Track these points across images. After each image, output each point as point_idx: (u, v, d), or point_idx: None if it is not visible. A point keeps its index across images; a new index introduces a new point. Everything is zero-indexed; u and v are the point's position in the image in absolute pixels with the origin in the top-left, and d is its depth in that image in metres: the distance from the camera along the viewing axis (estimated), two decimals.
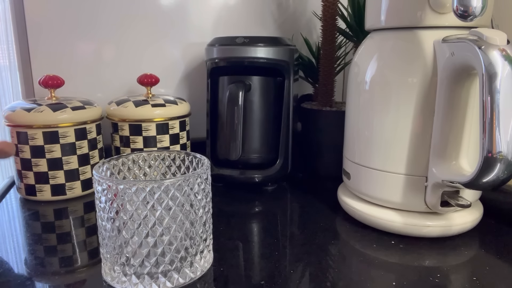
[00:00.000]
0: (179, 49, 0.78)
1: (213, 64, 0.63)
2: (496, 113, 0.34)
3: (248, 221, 0.53)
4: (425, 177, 0.44)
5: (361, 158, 0.49)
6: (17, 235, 0.48)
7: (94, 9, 0.71)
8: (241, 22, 0.80)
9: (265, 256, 0.42)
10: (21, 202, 0.58)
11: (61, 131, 0.56)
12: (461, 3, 0.35)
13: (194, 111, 0.69)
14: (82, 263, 0.41)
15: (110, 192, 0.35)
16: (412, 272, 0.39)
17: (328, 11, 0.65)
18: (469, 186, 0.39)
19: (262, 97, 0.62)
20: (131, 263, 0.35)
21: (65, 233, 0.48)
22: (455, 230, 0.45)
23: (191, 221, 0.37)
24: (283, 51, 0.61)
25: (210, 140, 0.66)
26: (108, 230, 0.36)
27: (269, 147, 0.64)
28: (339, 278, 0.38)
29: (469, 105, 0.42)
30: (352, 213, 0.51)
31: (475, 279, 0.38)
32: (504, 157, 0.34)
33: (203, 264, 0.39)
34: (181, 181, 0.35)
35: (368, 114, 0.47)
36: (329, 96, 0.70)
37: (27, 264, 0.41)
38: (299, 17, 0.85)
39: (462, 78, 0.40)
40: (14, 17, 0.69)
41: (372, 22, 0.49)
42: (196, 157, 0.43)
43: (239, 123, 0.57)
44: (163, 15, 0.75)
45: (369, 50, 0.49)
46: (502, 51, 0.34)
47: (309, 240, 0.46)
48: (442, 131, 0.42)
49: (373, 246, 0.45)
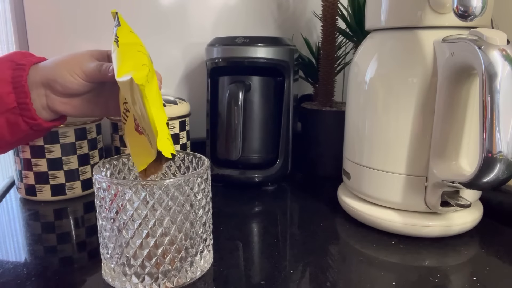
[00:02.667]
0: (179, 49, 0.78)
1: (213, 64, 0.63)
2: (496, 113, 0.34)
3: (248, 221, 0.52)
4: (425, 177, 0.44)
5: (361, 158, 0.49)
6: (17, 235, 0.48)
7: (94, 9, 0.71)
8: (241, 22, 0.80)
9: (265, 256, 0.42)
10: (21, 202, 0.58)
11: (61, 131, 0.56)
12: (461, 3, 0.35)
13: (194, 111, 0.69)
14: (82, 263, 0.41)
15: (110, 192, 0.35)
16: (412, 272, 0.39)
17: (328, 11, 0.65)
18: (469, 186, 0.39)
19: (262, 97, 0.62)
20: (131, 263, 0.35)
21: (65, 233, 0.48)
22: (455, 230, 0.45)
23: (191, 221, 0.37)
24: (283, 51, 0.61)
25: (210, 140, 0.66)
26: (108, 230, 0.36)
27: (269, 147, 0.64)
28: (339, 278, 0.38)
29: (469, 105, 0.42)
30: (352, 213, 0.51)
31: (475, 279, 0.38)
32: (504, 157, 0.34)
33: (203, 264, 0.39)
34: (181, 181, 0.35)
35: (368, 114, 0.47)
36: (329, 96, 0.70)
37: (27, 264, 0.41)
38: (299, 17, 0.85)
39: (462, 78, 0.40)
40: (14, 17, 0.69)
41: (372, 22, 0.49)
42: (196, 157, 0.43)
43: (239, 123, 0.57)
44: (163, 15, 0.75)
45: (369, 50, 0.49)
46: (502, 51, 0.34)
47: (309, 240, 0.46)
48: (442, 131, 0.42)
49: (373, 246, 0.45)
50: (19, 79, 0.44)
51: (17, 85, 0.44)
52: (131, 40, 0.42)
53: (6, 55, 0.47)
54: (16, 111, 0.45)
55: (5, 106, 0.44)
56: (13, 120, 0.45)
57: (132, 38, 0.43)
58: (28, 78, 0.45)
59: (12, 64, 0.45)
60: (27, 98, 0.44)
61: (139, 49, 0.41)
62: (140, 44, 0.42)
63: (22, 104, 0.45)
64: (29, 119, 0.45)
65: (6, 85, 0.44)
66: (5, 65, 0.45)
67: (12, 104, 0.44)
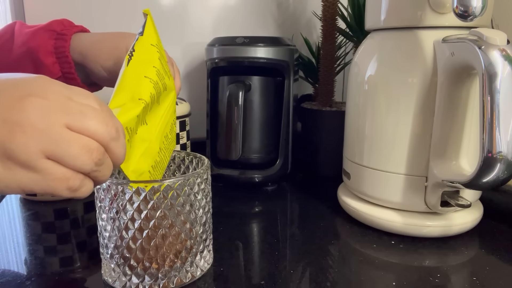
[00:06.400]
0: (179, 49, 0.78)
1: (213, 64, 0.63)
2: (496, 113, 0.34)
3: (248, 221, 0.52)
4: (425, 177, 0.44)
5: (361, 158, 0.49)
6: (17, 235, 0.48)
7: (94, 9, 0.71)
8: (241, 22, 0.80)
9: (265, 256, 0.42)
10: (21, 202, 0.58)
11: None
12: (461, 3, 0.35)
13: (194, 111, 0.69)
14: (82, 263, 0.41)
15: (110, 192, 0.35)
16: (412, 272, 0.39)
17: (328, 11, 0.65)
18: (469, 186, 0.39)
19: (262, 97, 0.62)
20: (131, 263, 0.35)
21: (65, 233, 0.48)
22: (455, 230, 0.45)
23: (191, 221, 0.37)
24: (283, 51, 0.61)
25: (210, 140, 0.66)
26: (108, 230, 0.36)
27: (269, 147, 0.64)
28: (339, 278, 0.38)
29: (469, 105, 0.41)
30: (352, 213, 0.51)
31: (475, 279, 0.38)
32: (504, 157, 0.34)
33: (203, 264, 0.39)
34: (181, 181, 0.35)
35: (368, 114, 0.47)
36: (329, 96, 0.70)
37: (27, 264, 0.41)
38: (299, 17, 0.85)
39: (462, 78, 0.40)
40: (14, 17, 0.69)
41: (372, 22, 0.49)
42: (196, 157, 0.43)
43: (239, 123, 0.57)
44: (163, 15, 0.75)
45: (369, 50, 0.49)
46: (502, 51, 0.34)
47: (309, 240, 0.46)
48: (442, 131, 0.42)
49: (373, 246, 0.45)
50: (62, 49, 0.45)
51: (61, 55, 0.45)
52: (146, 57, 0.37)
53: (44, 25, 0.47)
54: (62, 80, 0.45)
55: (51, 76, 0.45)
56: None
57: (150, 54, 0.38)
58: (70, 47, 0.45)
59: (53, 33, 0.45)
60: (71, 68, 0.45)
61: (148, 74, 0.36)
62: (153, 64, 0.37)
63: (67, 74, 0.45)
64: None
65: (50, 56, 0.44)
66: (46, 35, 0.45)
67: (57, 74, 0.45)
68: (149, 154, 0.37)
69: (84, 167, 0.25)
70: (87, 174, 0.26)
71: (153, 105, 0.37)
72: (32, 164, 0.24)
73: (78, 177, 0.26)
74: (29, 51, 0.45)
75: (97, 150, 0.26)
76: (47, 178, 0.25)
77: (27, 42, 0.45)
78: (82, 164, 0.25)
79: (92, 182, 0.27)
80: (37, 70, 0.45)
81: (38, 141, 0.24)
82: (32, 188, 0.25)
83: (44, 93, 0.25)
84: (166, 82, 0.39)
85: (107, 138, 0.26)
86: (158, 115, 0.39)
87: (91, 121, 0.25)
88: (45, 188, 0.25)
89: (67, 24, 0.47)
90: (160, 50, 0.39)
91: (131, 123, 0.32)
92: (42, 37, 0.45)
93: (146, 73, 0.36)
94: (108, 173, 0.28)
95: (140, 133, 0.36)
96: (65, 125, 0.25)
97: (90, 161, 0.25)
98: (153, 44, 0.38)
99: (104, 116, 0.26)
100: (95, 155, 0.26)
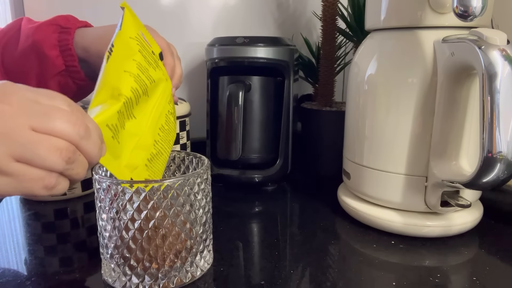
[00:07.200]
0: (179, 49, 0.77)
1: (213, 64, 0.63)
2: (496, 113, 0.34)
3: (248, 221, 0.52)
4: (425, 177, 0.44)
5: (361, 158, 0.49)
6: (17, 235, 0.48)
7: (94, 9, 0.71)
8: (241, 22, 0.80)
9: (265, 256, 0.42)
10: (21, 202, 0.58)
11: None
12: (461, 3, 0.35)
13: (194, 111, 0.69)
14: (82, 263, 0.41)
15: (110, 192, 0.35)
16: (412, 272, 0.39)
17: (328, 11, 0.65)
18: (469, 186, 0.39)
19: (262, 97, 0.62)
20: (131, 263, 0.35)
21: (65, 233, 0.48)
22: (455, 230, 0.45)
23: (191, 221, 0.37)
24: (283, 51, 0.61)
25: (210, 140, 0.66)
26: (108, 230, 0.36)
27: (269, 147, 0.64)
28: (339, 278, 0.38)
29: (469, 105, 0.41)
30: (352, 213, 0.51)
31: (475, 279, 0.38)
32: (504, 157, 0.34)
33: (203, 264, 0.39)
34: (181, 181, 0.35)
35: (368, 114, 0.47)
36: (329, 96, 0.70)
37: (27, 264, 0.41)
38: (299, 17, 0.85)
39: (462, 78, 0.40)
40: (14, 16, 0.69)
41: (372, 22, 0.49)
42: (196, 157, 0.43)
43: (239, 123, 0.57)
44: (163, 15, 0.75)
45: (369, 50, 0.49)
46: (502, 51, 0.34)
47: (309, 240, 0.46)
48: (442, 131, 0.42)
49: (373, 246, 0.45)
50: (66, 42, 0.45)
51: (64, 48, 0.45)
52: (126, 51, 0.36)
53: (50, 19, 0.47)
54: (65, 73, 0.46)
55: (55, 69, 0.45)
56: (64, 81, 0.47)
57: (129, 48, 0.36)
58: (74, 41, 0.46)
59: (57, 27, 0.46)
60: (74, 61, 0.45)
61: (127, 68, 0.35)
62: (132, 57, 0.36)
63: (71, 67, 0.46)
64: (80, 80, 0.47)
65: (53, 49, 0.45)
66: (50, 28, 0.46)
67: (61, 67, 0.45)
68: (142, 147, 0.37)
69: (56, 167, 0.26)
70: (61, 172, 0.27)
71: (139, 99, 0.36)
72: (4, 169, 0.25)
73: (52, 175, 0.26)
74: (34, 44, 0.46)
75: (66, 149, 0.26)
76: (21, 180, 0.25)
77: (32, 36, 0.46)
78: (52, 163, 0.26)
79: (67, 179, 0.28)
80: (41, 63, 0.46)
81: (5, 146, 0.24)
82: (9, 191, 0.26)
83: (7, 99, 0.25)
84: (151, 73, 0.38)
85: (76, 137, 0.27)
86: (148, 107, 0.38)
87: (57, 122, 0.26)
88: (21, 190, 0.26)
89: (71, 19, 0.48)
90: (141, 42, 0.38)
91: (112, 120, 0.32)
92: (46, 30, 0.46)
93: (125, 67, 0.35)
94: (82, 171, 0.28)
95: (128, 128, 0.35)
96: (30, 127, 0.25)
97: (60, 160, 0.26)
98: (131, 37, 0.37)
99: (71, 116, 0.27)
100: (64, 154, 0.26)
